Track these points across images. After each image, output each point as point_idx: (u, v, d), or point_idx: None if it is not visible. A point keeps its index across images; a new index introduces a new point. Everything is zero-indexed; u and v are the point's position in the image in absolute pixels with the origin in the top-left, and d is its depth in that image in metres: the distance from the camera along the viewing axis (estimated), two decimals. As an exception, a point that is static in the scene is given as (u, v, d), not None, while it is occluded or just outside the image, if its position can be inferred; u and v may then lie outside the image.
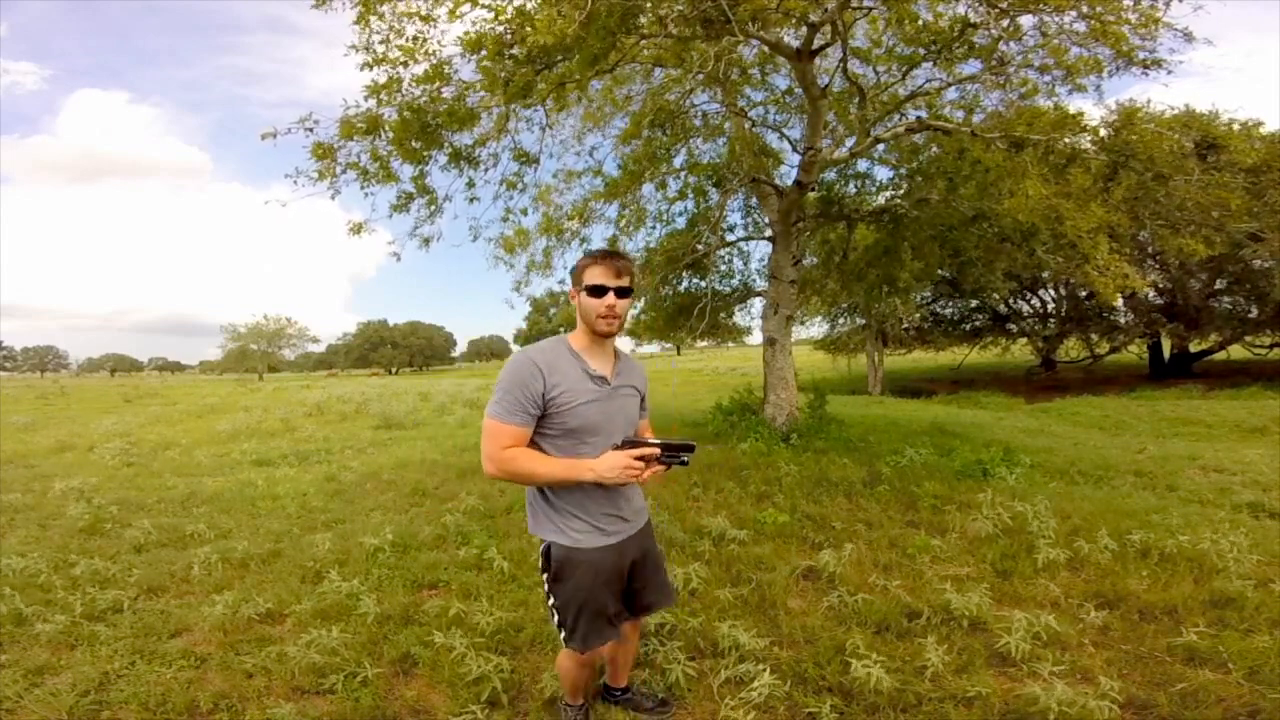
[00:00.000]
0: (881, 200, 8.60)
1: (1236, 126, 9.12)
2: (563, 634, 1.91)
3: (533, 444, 1.79)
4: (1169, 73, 5.31)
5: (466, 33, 4.85)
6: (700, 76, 6.80)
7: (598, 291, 1.74)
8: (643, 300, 9.27)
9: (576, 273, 1.81)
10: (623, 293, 1.76)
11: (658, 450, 1.68)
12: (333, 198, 5.70)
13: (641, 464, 1.67)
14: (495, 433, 1.71)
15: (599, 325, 1.76)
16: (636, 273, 1.86)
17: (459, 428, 10.59)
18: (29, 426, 12.76)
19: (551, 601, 1.90)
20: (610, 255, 1.78)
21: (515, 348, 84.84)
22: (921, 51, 6.06)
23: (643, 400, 1.98)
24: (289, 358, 63.80)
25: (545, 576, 1.89)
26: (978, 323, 19.82)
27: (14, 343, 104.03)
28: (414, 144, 5.57)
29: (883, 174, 8.79)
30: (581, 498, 1.80)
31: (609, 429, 1.80)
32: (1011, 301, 18.90)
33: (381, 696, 2.43)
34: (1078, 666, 2.47)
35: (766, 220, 8.41)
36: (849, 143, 7.73)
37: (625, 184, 7.71)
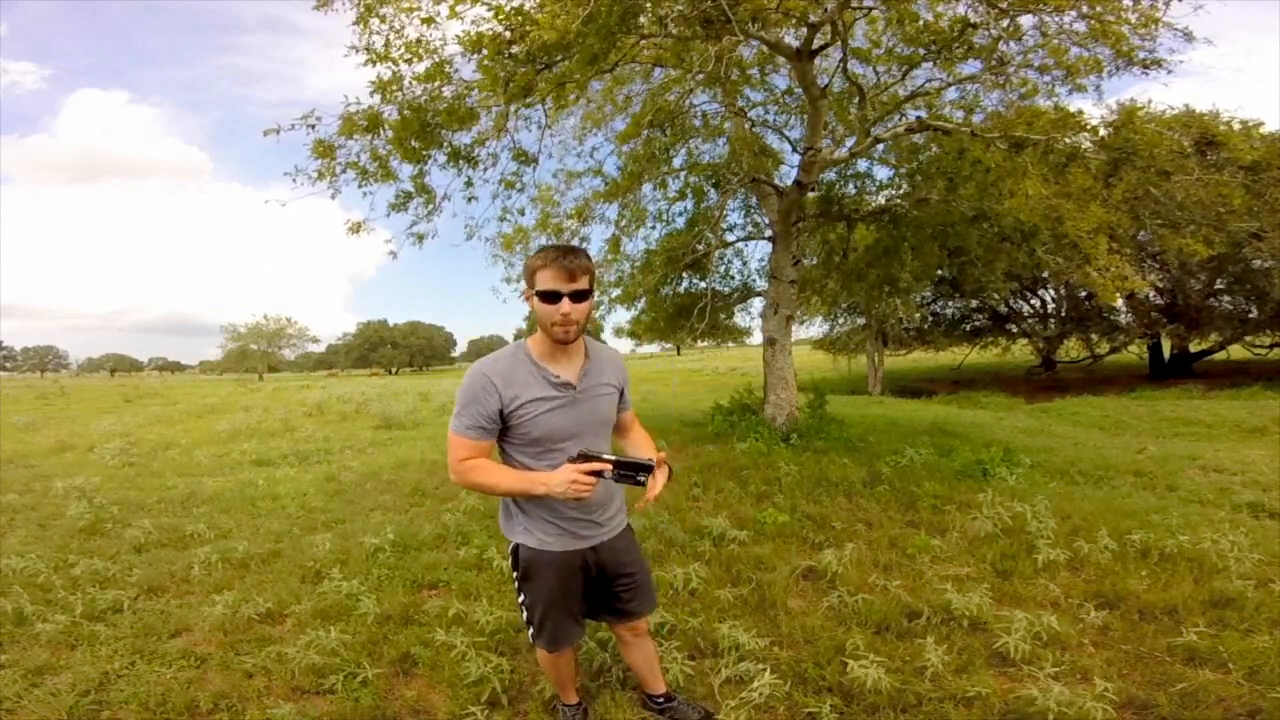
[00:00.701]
0: (881, 200, 8.59)
1: (1236, 126, 9.12)
2: (530, 630, 1.95)
3: (504, 453, 1.79)
4: (1169, 72, 5.32)
5: (466, 31, 4.85)
6: (700, 76, 6.80)
7: (550, 297, 1.60)
8: (643, 300, 9.27)
9: (528, 273, 1.67)
10: (579, 296, 1.62)
11: (609, 466, 1.63)
12: (333, 197, 5.71)
13: (593, 479, 1.62)
14: (454, 445, 1.72)
15: (555, 333, 1.65)
16: (595, 269, 1.72)
17: (459, 428, 10.55)
18: (29, 426, 12.76)
19: (521, 599, 1.93)
20: (564, 254, 1.61)
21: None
22: (921, 51, 6.05)
23: (622, 394, 1.91)
24: (289, 358, 63.83)
25: (515, 575, 1.92)
26: (978, 323, 19.81)
27: (14, 343, 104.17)
28: (413, 143, 5.58)
29: (882, 174, 8.80)
30: (553, 502, 1.76)
31: (580, 433, 1.75)
32: (1011, 301, 18.90)
33: (381, 696, 2.43)
34: (1078, 666, 2.47)
35: (766, 220, 8.41)
36: (849, 143, 7.73)
37: (625, 184, 7.71)
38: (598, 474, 1.63)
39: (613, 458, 1.65)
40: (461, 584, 3.42)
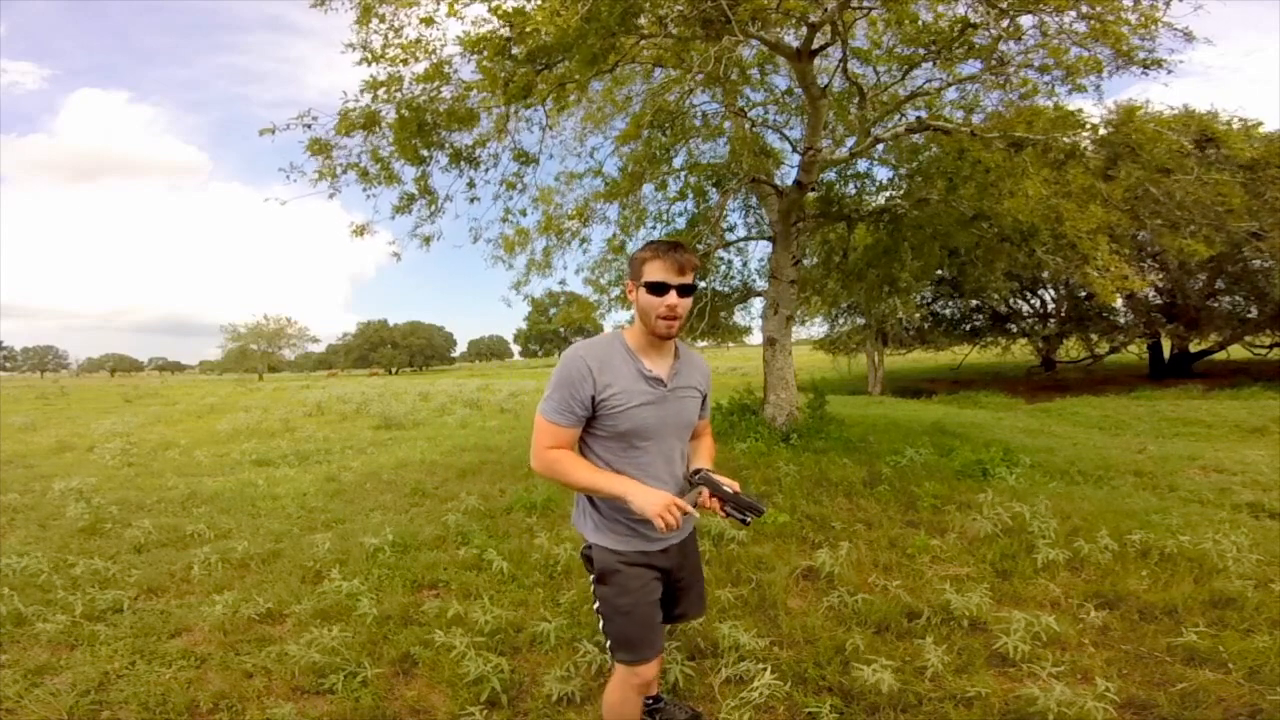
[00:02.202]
0: (881, 200, 8.59)
1: (1236, 125, 9.11)
2: (609, 644, 1.77)
3: (584, 444, 1.73)
4: (1169, 72, 5.31)
5: (466, 33, 4.86)
6: (700, 77, 6.80)
7: (658, 289, 1.60)
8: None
9: (635, 265, 1.66)
10: (685, 291, 1.62)
11: (719, 503, 1.61)
12: (331, 197, 5.72)
13: (685, 515, 1.55)
14: (541, 430, 1.67)
15: (659, 327, 1.63)
16: (699, 266, 1.73)
17: (459, 428, 10.59)
18: (29, 426, 12.75)
19: (597, 606, 1.79)
20: (673, 248, 1.62)
21: (515, 348, 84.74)
22: (921, 52, 6.05)
23: (704, 400, 1.87)
24: (289, 358, 63.87)
25: (591, 579, 1.80)
26: (978, 323, 19.81)
27: (14, 343, 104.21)
28: (414, 143, 5.58)
29: (883, 174, 8.79)
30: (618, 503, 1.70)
31: (663, 432, 1.71)
32: (1011, 301, 18.90)
33: (381, 696, 2.43)
34: (1078, 666, 2.47)
35: (767, 220, 8.41)
36: (849, 143, 7.74)
37: (625, 185, 7.71)
38: (699, 506, 1.60)
39: (730, 491, 1.61)
40: (461, 584, 3.42)
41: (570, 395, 1.63)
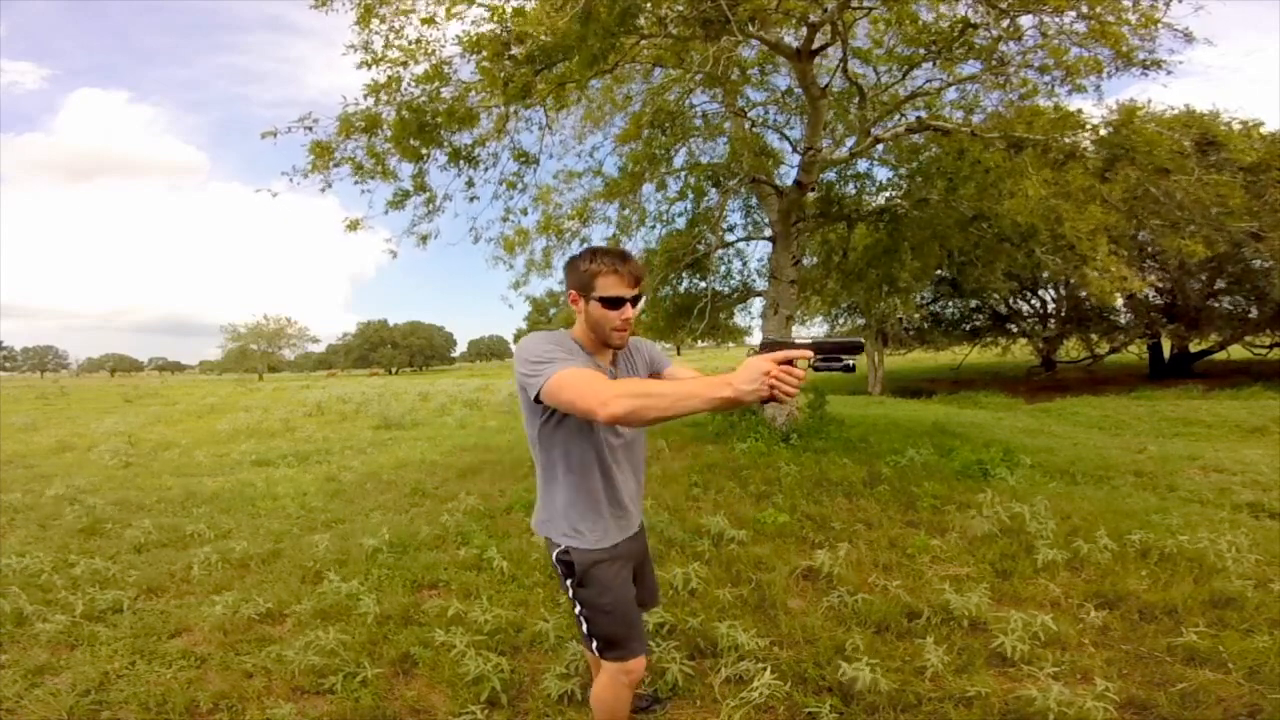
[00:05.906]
0: (881, 200, 8.59)
1: (1236, 126, 9.10)
2: (594, 645, 1.74)
3: (549, 438, 1.69)
4: (1169, 73, 5.32)
5: (465, 32, 4.86)
6: (700, 76, 6.80)
7: (614, 304, 1.59)
8: (643, 300, 9.26)
9: (584, 278, 1.61)
10: (636, 301, 1.64)
11: (809, 354, 1.26)
12: (323, 191, 5.73)
13: (796, 375, 1.25)
14: (575, 378, 1.40)
15: (613, 339, 1.64)
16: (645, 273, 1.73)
17: (458, 428, 10.58)
18: (29, 427, 12.75)
19: (579, 610, 1.75)
20: (622, 260, 1.60)
21: (515, 348, 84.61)
22: (921, 52, 6.06)
23: (654, 364, 1.88)
24: (289, 358, 63.93)
25: (569, 584, 1.74)
26: (978, 323, 19.80)
27: (14, 343, 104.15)
28: (412, 142, 5.58)
29: (882, 174, 8.79)
30: (590, 497, 1.71)
31: None
32: (1011, 301, 18.89)
33: (381, 696, 2.43)
34: (1077, 666, 2.47)
35: (766, 220, 8.41)
36: (849, 143, 7.74)
37: (625, 185, 7.71)
38: (791, 362, 1.26)
39: (809, 341, 1.28)
40: (461, 584, 3.43)
41: (559, 349, 1.55)
